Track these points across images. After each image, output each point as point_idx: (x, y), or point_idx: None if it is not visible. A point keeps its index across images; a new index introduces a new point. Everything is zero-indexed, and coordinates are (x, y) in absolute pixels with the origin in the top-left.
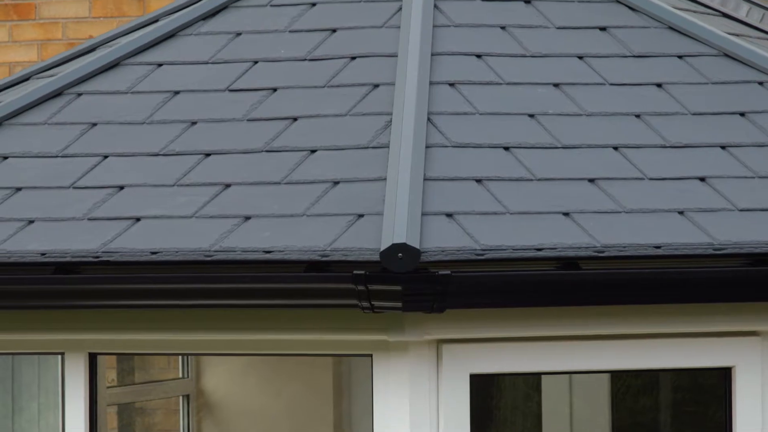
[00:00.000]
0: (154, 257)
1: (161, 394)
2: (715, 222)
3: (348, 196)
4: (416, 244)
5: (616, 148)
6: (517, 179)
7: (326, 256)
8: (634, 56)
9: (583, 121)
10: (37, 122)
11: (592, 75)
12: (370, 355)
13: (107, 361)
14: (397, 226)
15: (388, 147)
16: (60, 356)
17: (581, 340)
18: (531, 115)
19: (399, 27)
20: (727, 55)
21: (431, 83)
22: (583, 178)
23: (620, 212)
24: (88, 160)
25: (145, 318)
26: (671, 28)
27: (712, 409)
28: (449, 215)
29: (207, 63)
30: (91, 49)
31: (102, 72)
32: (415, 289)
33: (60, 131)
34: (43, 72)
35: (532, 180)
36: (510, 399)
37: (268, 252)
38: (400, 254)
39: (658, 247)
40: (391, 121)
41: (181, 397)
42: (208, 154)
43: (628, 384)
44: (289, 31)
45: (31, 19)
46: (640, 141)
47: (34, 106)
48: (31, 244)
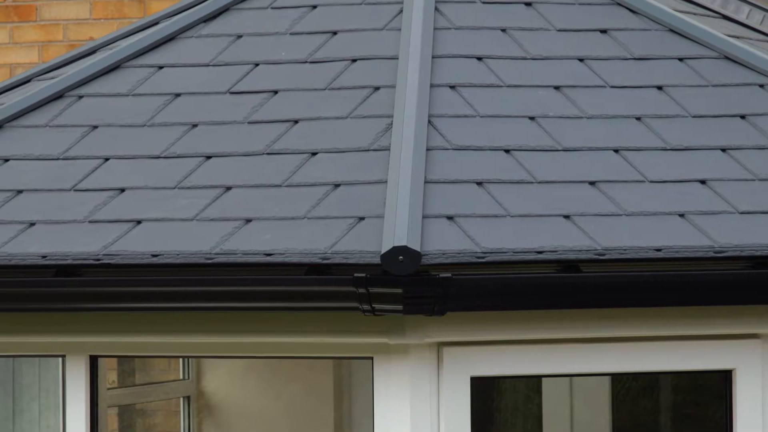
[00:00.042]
0: (155, 260)
1: (162, 396)
2: (715, 225)
3: (349, 199)
4: (417, 247)
5: (616, 151)
6: (518, 182)
7: (327, 259)
8: (635, 59)
9: (584, 124)
10: (38, 125)
11: (593, 77)
12: (371, 358)
13: (108, 362)
14: (397, 229)
15: (389, 150)
16: (61, 358)
17: (582, 343)
18: (531, 118)
19: (400, 29)
20: (727, 58)
21: (432, 86)
22: (583, 181)
23: (621, 215)
24: (89, 163)
25: (146, 320)
26: (672, 31)
27: (712, 410)
28: (450, 218)
29: (208, 65)
30: (91, 52)
31: (103, 74)
32: (416, 291)
33: (61, 134)
34: (44, 74)
35: (532, 182)
36: (511, 401)
37: (269, 255)
38: (401, 257)
39: (659, 250)
40: (392, 123)
41: (181, 399)
42: (208, 157)
43: (629, 386)
44: (290, 34)
45: (32, 21)
46: (641, 143)
47: (35, 109)
48: (32, 246)
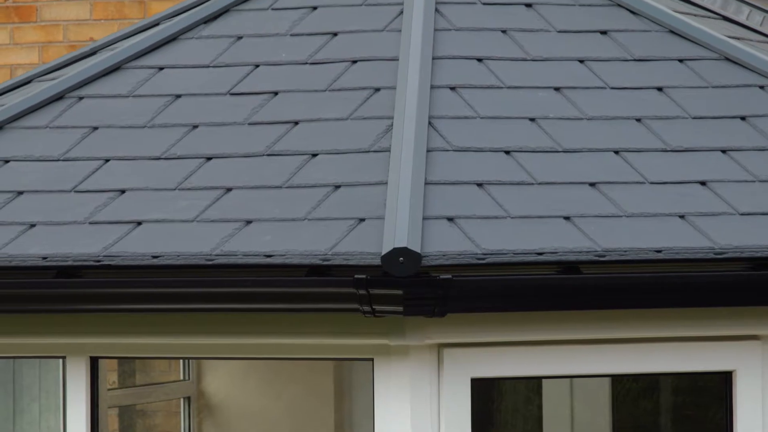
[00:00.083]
0: (155, 261)
1: (162, 397)
2: (716, 226)
3: (349, 200)
4: (417, 248)
5: (616, 152)
6: (518, 183)
7: (327, 260)
8: (635, 60)
9: (584, 125)
10: (38, 126)
11: (593, 79)
12: (371, 359)
13: (108, 363)
14: (398, 230)
15: (389, 151)
16: (61, 360)
17: (582, 344)
18: (532, 119)
19: (400, 30)
20: (727, 59)
21: (432, 87)
22: (583, 182)
23: (621, 216)
24: (89, 164)
25: (146, 322)
26: (672, 32)
27: (712, 411)
28: (450, 219)
29: (208, 66)
30: (92, 53)
31: (103, 75)
32: (417, 293)
33: (61, 135)
34: (44, 75)
35: (533, 184)
36: (511, 402)
37: (269, 256)
38: (402, 258)
39: (659, 252)
40: (392, 124)
41: (182, 399)
42: (209, 158)
43: (629, 387)
44: (291, 35)
45: (33, 22)
46: (641, 145)
47: (35, 110)
48: (33, 247)
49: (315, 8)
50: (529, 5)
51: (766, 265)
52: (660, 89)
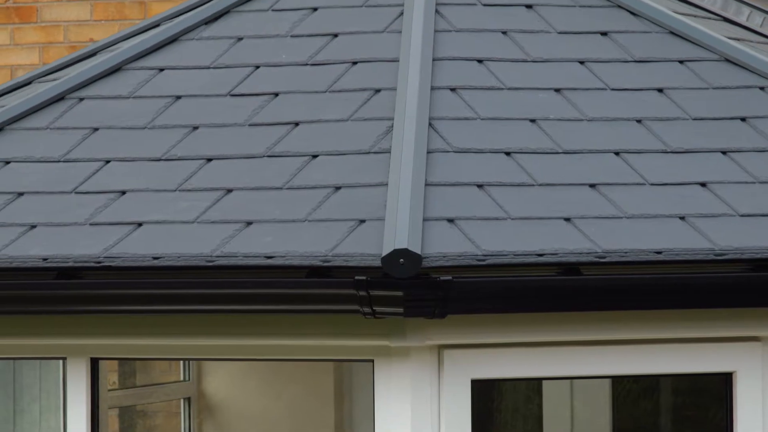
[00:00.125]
0: (155, 262)
1: (162, 397)
2: (716, 227)
3: (349, 202)
4: (418, 250)
5: (617, 154)
6: (519, 184)
7: (328, 262)
8: (635, 61)
9: (585, 126)
10: (39, 127)
11: (594, 80)
12: (372, 361)
13: (108, 364)
14: (398, 232)
15: (390, 152)
16: (62, 361)
17: (582, 346)
18: (532, 120)
19: (400, 32)
20: (728, 60)
21: (432, 88)
22: (584, 184)
23: (621, 218)
24: (90, 165)
25: (146, 323)
26: (672, 33)
27: (713, 412)
28: (450, 221)
29: (208, 68)
30: (92, 54)
31: (104, 76)
32: (417, 294)
33: (62, 136)
34: (45, 76)
35: (533, 185)
36: (511, 402)
37: (270, 257)
38: (402, 260)
39: (659, 253)
40: (393, 126)
41: (182, 400)
42: (209, 159)
43: (629, 387)
44: (291, 36)
45: (33, 22)
46: (641, 146)
47: (36, 111)
48: (33, 249)
49: (315, 9)
50: (529, 6)
51: (766, 266)
52: (660, 90)
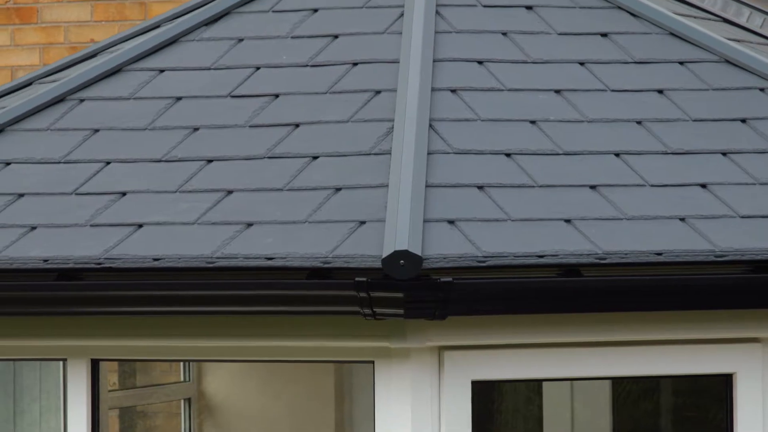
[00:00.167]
0: (156, 264)
1: (163, 398)
2: (716, 229)
3: (350, 203)
4: (418, 251)
5: (617, 155)
6: (519, 186)
7: (328, 263)
8: (636, 62)
9: (585, 128)
10: (39, 128)
11: (594, 81)
12: (372, 362)
13: (108, 364)
14: (399, 233)
15: (390, 153)
16: (62, 362)
17: (583, 347)
18: (532, 122)
19: (401, 33)
20: (728, 61)
21: (433, 89)
22: (584, 185)
23: (621, 219)
24: (90, 167)
25: (147, 324)
26: (672, 34)
27: (713, 413)
28: (451, 222)
29: (209, 69)
30: (93, 55)
31: (104, 78)
32: (417, 296)
33: (62, 137)
34: (45, 77)
35: (533, 187)
36: (512, 403)
37: (270, 259)
38: (402, 261)
39: (660, 254)
40: (393, 127)
41: (182, 401)
42: (210, 161)
43: (630, 388)
44: (291, 37)
45: (33, 23)
46: (642, 147)
47: (36, 112)
48: (34, 250)
49: (316, 10)
50: (529, 8)
51: (767, 267)
52: (660, 92)
